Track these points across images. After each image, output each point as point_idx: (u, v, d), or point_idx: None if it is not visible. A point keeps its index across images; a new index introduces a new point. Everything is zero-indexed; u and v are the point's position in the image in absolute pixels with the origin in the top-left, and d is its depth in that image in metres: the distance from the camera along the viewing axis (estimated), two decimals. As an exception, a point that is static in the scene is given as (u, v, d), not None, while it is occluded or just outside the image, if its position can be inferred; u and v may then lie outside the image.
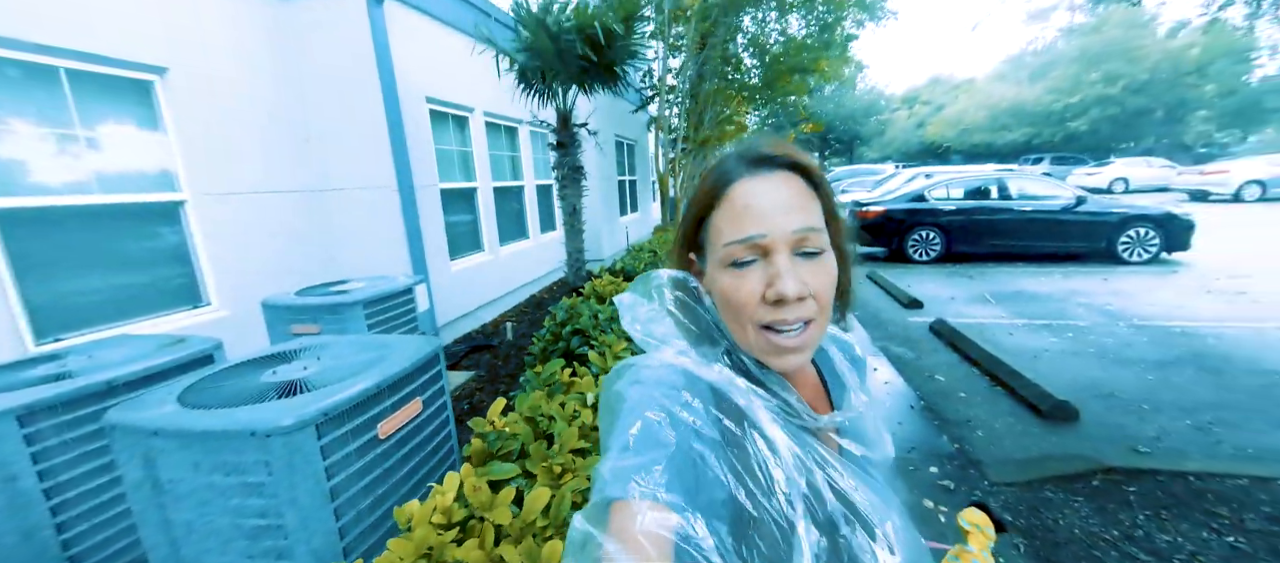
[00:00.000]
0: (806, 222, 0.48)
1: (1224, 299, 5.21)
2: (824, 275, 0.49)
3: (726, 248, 0.49)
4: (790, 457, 0.49)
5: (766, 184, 0.49)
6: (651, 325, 0.55)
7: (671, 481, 0.42)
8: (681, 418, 0.47)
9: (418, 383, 1.70)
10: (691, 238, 0.56)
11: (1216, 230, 9.11)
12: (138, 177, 2.94)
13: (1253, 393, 3.16)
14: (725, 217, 0.50)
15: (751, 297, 0.49)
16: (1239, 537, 1.85)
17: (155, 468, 1.33)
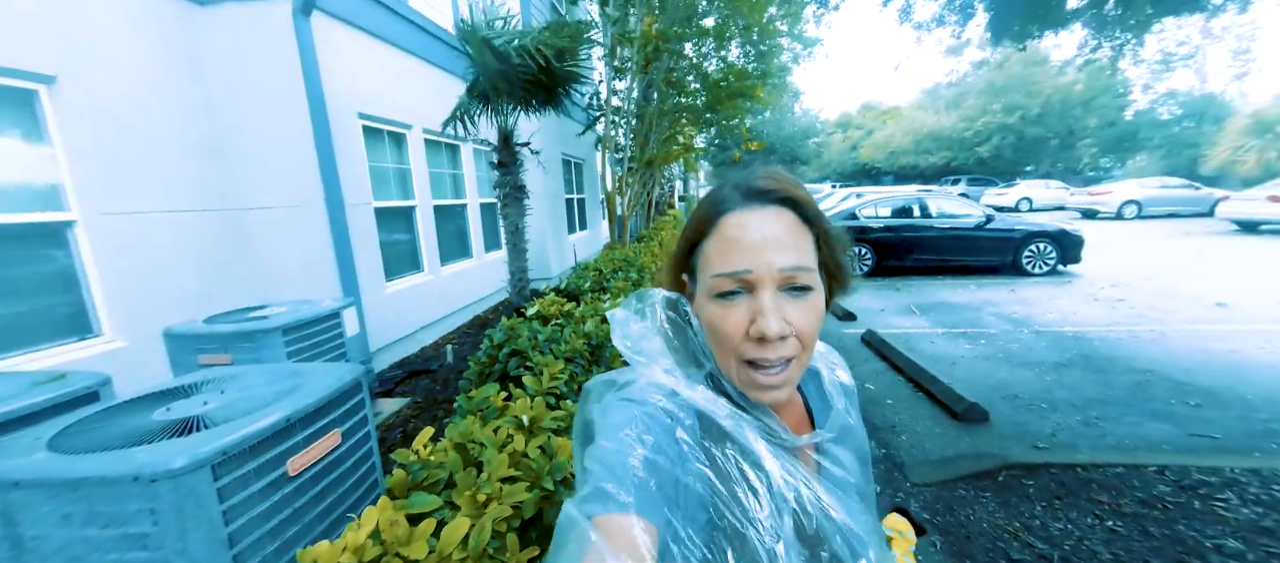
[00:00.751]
0: (795, 260, 0.48)
1: (1107, 306, 5.87)
2: (809, 313, 0.49)
3: (714, 279, 0.50)
4: (772, 478, 0.49)
5: (757, 218, 0.49)
6: (641, 342, 0.55)
7: (655, 499, 0.42)
8: (666, 437, 0.47)
9: (336, 413, 1.62)
10: (684, 261, 0.56)
11: (1102, 246, 10.29)
12: (18, 194, 2.63)
13: (1129, 389, 3.57)
14: (715, 247, 0.51)
15: (736, 330, 0.49)
16: (1117, 521, 2.07)
17: (16, 524, 1.18)
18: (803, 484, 0.51)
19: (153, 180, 3.20)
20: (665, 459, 0.46)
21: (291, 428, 1.42)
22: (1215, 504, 2.13)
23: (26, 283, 2.67)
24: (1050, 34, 4.82)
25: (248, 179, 3.70)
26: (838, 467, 0.58)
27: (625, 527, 0.40)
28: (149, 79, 3.19)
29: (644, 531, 0.40)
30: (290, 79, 3.55)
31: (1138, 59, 5.19)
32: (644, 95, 8.28)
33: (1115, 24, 4.53)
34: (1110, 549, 1.92)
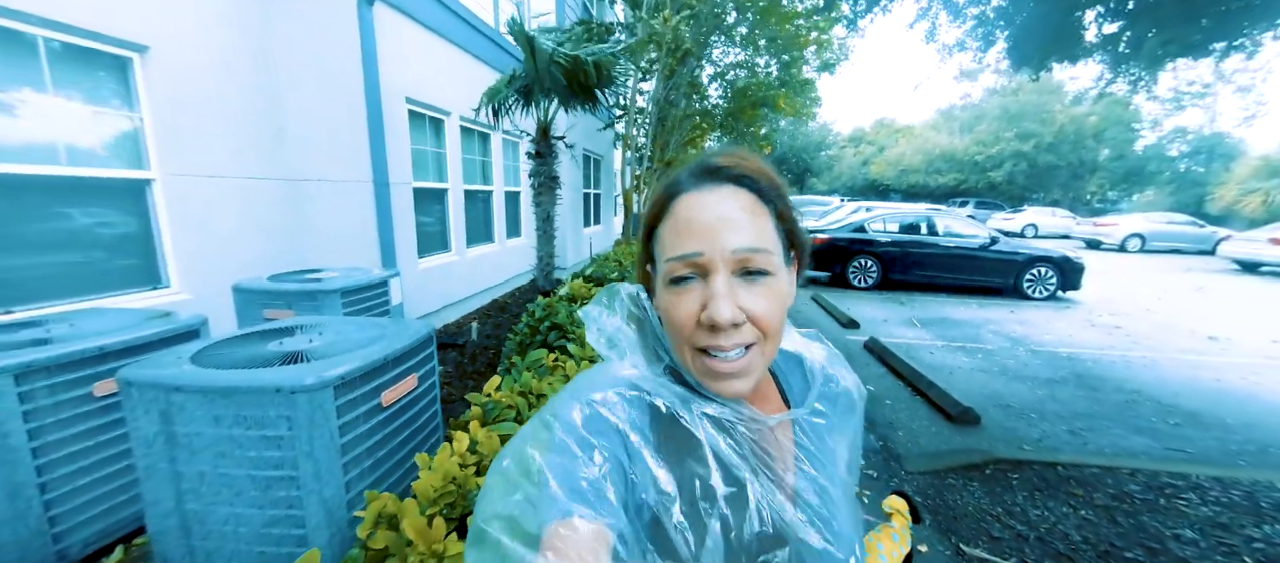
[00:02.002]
0: (750, 242, 0.45)
1: (1103, 331, 6.09)
2: (768, 298, 0.46)
3: (667, 264, 0.48)
4: (727, 471, 0.49)
5: (711, 199, 0.47)
6: (614, 336, 0.55)
7: (608, 501, 0.43)
8: (619, 436, 0.47)
9: (414, 360, 1.87)
10: (646, 249, 0.54)
11: (1103, 275, 10.49)
12: (106, 152, 2.89)
13: (1116, 406, 3.80)
14: (669, 231, 0.48)
15: (687, 317, 0.47)
16: (1089, 511, 2.31)
17: (172, 422, 1.43)
18: (763, 478, 0.50)
19: (220, 149, 3.45)
20: (617, 460, 0.45)
21: (386, 366, 1.68)
22: (1178, 502, 2.37)
23: (109, 233, 2.93)
24: (1067, 65, 5.04)
25: (304, 154, 3.96)
26: (820, 449, 0.56)
27: (580, 529, 0.40)
28: (225, 56, 3.45)
29: (600, 531, 0.40)
30: (350, 64, 3.81)
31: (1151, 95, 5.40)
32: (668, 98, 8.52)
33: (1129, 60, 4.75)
34: (1081, 533, 2.15)
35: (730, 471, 0.49)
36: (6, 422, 1.54)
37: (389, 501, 1.10)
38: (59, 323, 1.96)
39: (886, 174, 35.29)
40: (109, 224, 2.93)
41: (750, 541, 0.47)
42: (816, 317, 6.56)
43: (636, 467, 0.46)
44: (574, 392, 0.51)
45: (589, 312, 0.57)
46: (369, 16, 3.78)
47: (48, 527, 1.66)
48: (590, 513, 0.41)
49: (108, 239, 2.93)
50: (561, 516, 0.40)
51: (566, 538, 0.39)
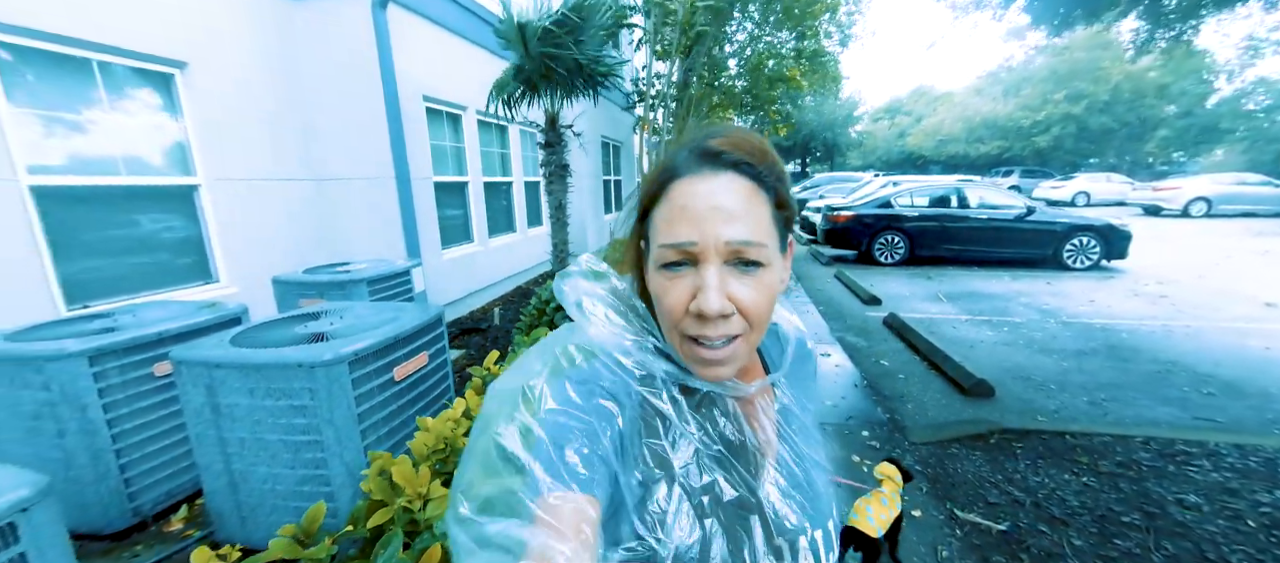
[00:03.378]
0: (745, 233, 0.45)
1: (1147, 301, 5.78)
2: (759, 290, 0.46)
3: (660, 248, 0.47)
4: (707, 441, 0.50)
5: (708, 185, 0.46)
6: (596, 303, 0.54)
7: (597, 473, 0.43)
8: (605, 409, 0.47)
9: (424, 340, 2.04)
10: (640, 227, 0.54)
11: (1158, 242, 9.84)
12: (158, 161, 3.20)
13: (1147, 377, 3.66)
14: (663, 215, 0.48)
15: (677, 304, 0.47)
16: (1092, 478, 2.29)
17: (216, 395, 1.65)
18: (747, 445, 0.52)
19: (256, 152, 3.74)
20: (604, 432, 0.45)
21: (397, 344, 1.85)
22: (1189, 469, 2.31)
23: (164, 235, 3.26)
24: (1094, 23, 4.73)
25: (330, 153, 4.23)
26: (799, 412, 0.59)
27: (569, 501, 0.40)
28: (255, 64, 3.72)
29: (588, 505, 0.41)
30: (368, 64, 4.02)
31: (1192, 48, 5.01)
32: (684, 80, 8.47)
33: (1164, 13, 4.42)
34: (1079, 498, 2.15)
35: (712, 440, 0.50)
36: (85, 397, 1.80)
37: (386, 458, 1.26)
38: (125, 314, 2.24)
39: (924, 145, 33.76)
40: (164, 227, 3.26)
41: (727, 503, 0.48)
42: (838, 294, 6.50)
43: (623, 439, 0.47)
44: (553, 360, 0.50)
45: (567, 287, 0.56)
46: (383, 19, 3.97)
47: (124, 487, 1.93)
48: (577, 486, 0.41)
49: (164, 241, 3.25)
50: (548, 489, 0.40)
51: (554, 511, 0.39)
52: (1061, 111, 26.09)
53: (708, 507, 0.48)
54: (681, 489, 0.47)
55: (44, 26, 2.58)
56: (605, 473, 0.44)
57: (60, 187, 2.69)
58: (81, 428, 1.81)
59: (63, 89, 2.73)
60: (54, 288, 2.67)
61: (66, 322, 2.17)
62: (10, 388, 1.80)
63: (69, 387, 1.77)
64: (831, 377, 3.70)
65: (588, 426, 0.45)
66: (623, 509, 0.45)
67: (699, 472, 0.49)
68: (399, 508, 1.06)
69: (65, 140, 2.75)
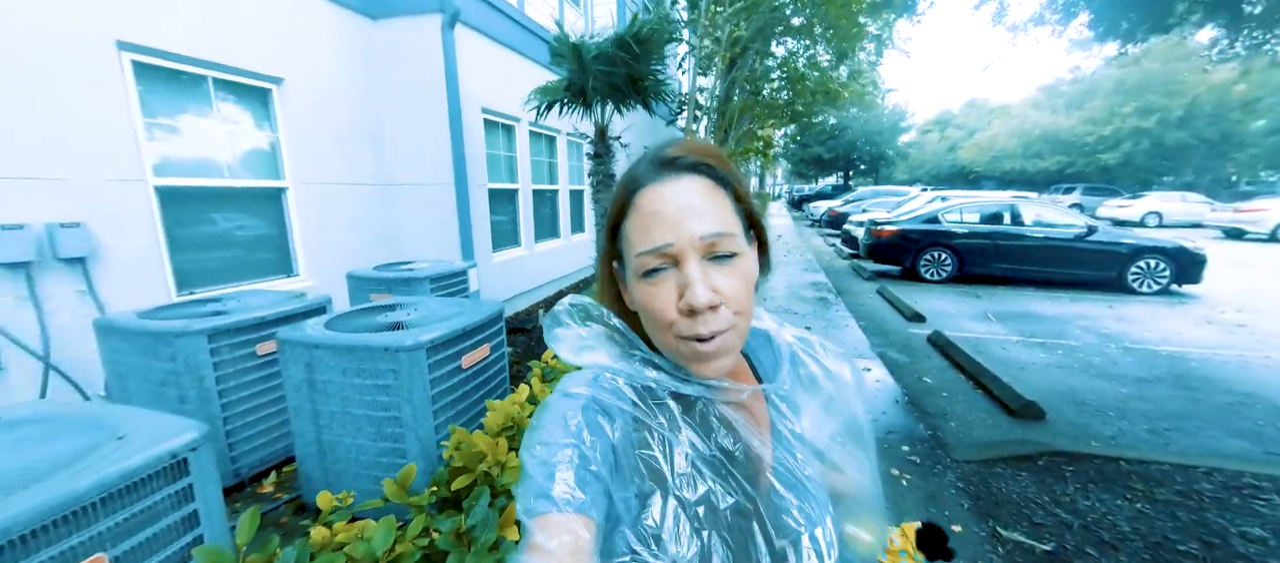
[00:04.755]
0: (715, 226, 0.48)
1: (1223, 330, 5.40)
2: (737, 279, 0.49)
3: (638, 257, 0.49)
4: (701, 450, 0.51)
5: (672, 189, 0.49)
6: (587, 341, 0.56)
7: (592, 492, 0.44)
8: (599, 428, 0.48)
9: (488, 333, 2.23)
10: (611, 246, 0.55)
11: (1240, 267, 9.11)
12: (254, 166, 3.59)
13: (1218, 409, 3.45)
14: (634, 225, 0.50)
15: (666, 305, 0.48)
16: (1146, 505, 2.22)
17: (313, 372, 1.88)
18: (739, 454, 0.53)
19: (335, 159, 4.11)
20: (600, 450, 0.47)
21: (465, 335, 2.04)
22: (1255, 503, 2.19)
23: (256, 232, 3.63)
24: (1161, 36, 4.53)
25: (397, 161, 4.58)
26: (790, 423, 0.59)
27: (563, 524, 0.41)
28: (339, 79, 4.11)
29: (582, 527, 0.41)
30: (435, 79, 4.36)
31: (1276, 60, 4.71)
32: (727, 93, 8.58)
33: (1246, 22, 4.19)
34: (1132, 525, 2.09)
35: (706, 446, 0.51)
36: (202, 369, 2.08)
37: (465, 433, 1.43)
38: (231, 300, 2.55)
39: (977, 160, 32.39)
40: (256, 225, 3.64)
41: (724, 511, 0.49)
42: (880, 309, 6.39)
43: (617, 454, 0.48)
44: (561, 387, 0.54)
45: (555, 333, 0.57)
46: (451, 38, 4.29)
47: (228, 451, 2.20)
48: (572, 505, 0.42)
49: (255, 237, 3.63)
50: (543, 510, 0.42)
51: (548, 530, 0.40)
52: (1131, 126, 24.49)
53: (705, 518, 0.48)
54: (677, 501, 0.47)
55: (176, 49, 2.98)
56: (599, 491, 0.45)
57: (177, 187, 3.08)
58: (199, 396, 2.09)
59: (183, 101, 3.14)
60: (169, 276, 3.05)
61: (182, 305, 2.49)
62: (143, 358, 2.10)
63: (191, 360, 2.05)
64: (872, 392, 3.69)
65: (579, 446, 0.46)
66: (619, 525, 0.46)
67: (694, 481, 0.49)
68: (481, 473, 1.22)
69: (182, 146, 3.14)
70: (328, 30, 3.97)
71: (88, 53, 2.61)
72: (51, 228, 2.44)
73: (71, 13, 2.53)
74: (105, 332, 2.16)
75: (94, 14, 2.62)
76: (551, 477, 0.44)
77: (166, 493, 1.04)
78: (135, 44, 2.80)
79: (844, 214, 14.54)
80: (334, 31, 4.03)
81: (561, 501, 0.42)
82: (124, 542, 0.97)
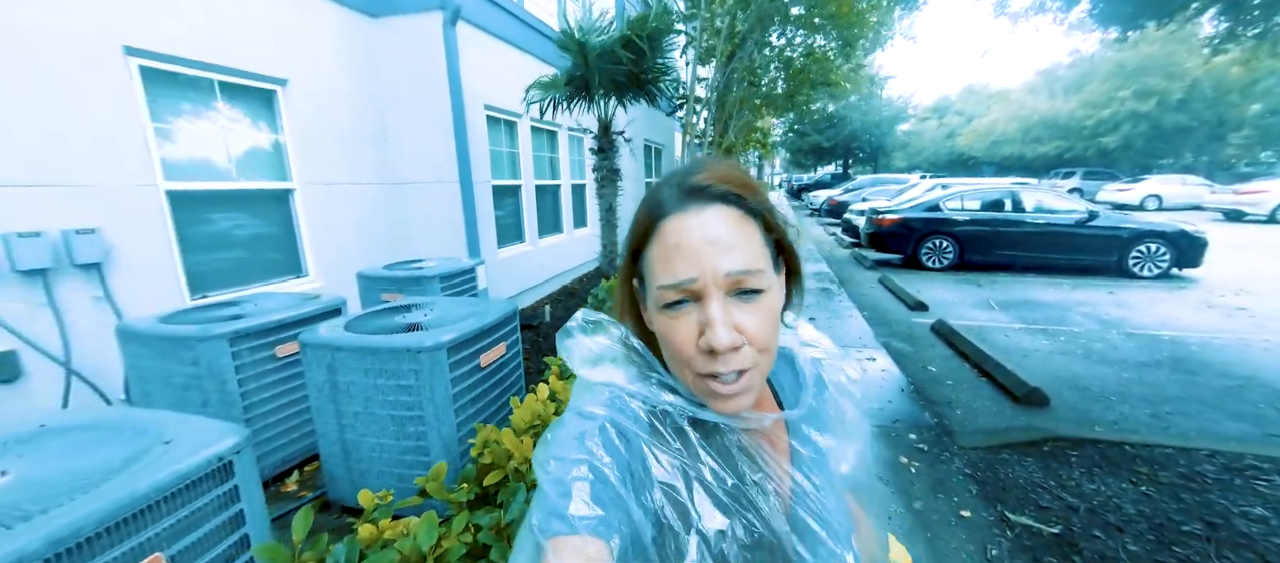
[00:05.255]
0: (741, 264, 0.46)
1: (1223, 313, 5.45)
2: (762, 315, 0.47)
3: (659, 289, 0.48)
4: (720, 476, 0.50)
5: (698, 221, 0.47)
6: (603, 355, 0.55)
7: (609, 514, 0.43)
8: (616, 448, 0.47)
9: (504, 330, 2.27)
10: (632, 267, 0.54)
11: (1240, 250, 9.16)
12: (262, 168, 3.60)
13: (1218, 392, 3.51)
14: (657, 256, 0.48)
15: (686, 341, 0.47)
16: (1151, 488, 2.27)
17: (336, 373, 1.92)
18: (759, 481, 0.51)
19: (340, 159, 4.12)
20: (616, 472, 0.46)
21: (482, 335, 2.08)
22: (1257, 483, 2.25)
23: (265, 234, 3.65)
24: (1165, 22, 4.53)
25: (402, 160, 4.59)
26: (814, 449, 0.58)
27: (577, 547, 0.40)
28: (342, 79, 4.11)
29: (596, 549, 0.41)
30: (438, 77, 4.35)
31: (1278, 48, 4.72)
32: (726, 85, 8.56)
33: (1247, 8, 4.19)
34: (1137, 507, 2.14)
35: (726, 476, 0.50)
36: (225, 372, 2.12)
37: (492, 430, 1.47)
38: (248, 303, 2.58)
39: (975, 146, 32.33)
40: (265, 227, 3.66)
41: (745, 544, 0.47)
42: (882, 299, 6.43)
43: (635, 476, 0.47)
44: (576, 405, 0.52)
45: (567, 345, 0.56)
46: (453, 35, 4.29)
47: (251, 451, 2.24)
48: (587, 526, 0.41)
49: (264, 239, 3.65)
50: (557, 531, 0.41)
51: (562, 553, 0.40)
52: (1129, 109, 24.44)
53: (724, 549, 0.46)
54: (699, 536, 0.46)
55: (181, 53, 2.98)
56: (617, 512, 0.44)
57: (187, 191, 3.10)
58: (221, 399, 2.12)
59: (190, 105, 3.15)
60: (181, 279, 3.07)
61: (200, 308, 2.52)
62: (165, 362, 2.14)
63: (214, 363, 2.09)
64: (877, 381, 3.74)
65: (595, 465, 0.45)
66: (635, 548, 0.45)
67: (713, 510, 0.48)
68: (511, 469, 1.26)
69: (190, 150, 3.16)
70: (330, 31, 3.97)
71: (96, 59, 2.61)
72: (67, 235, 2.46)
73: (79, 20, 2.54)
74: (127, 337, 2.20)
75: (101, 20, 2.62)
76: (567, 496, 0.43)
77: (215, 495, 1.08)
78: (142, 49, 2.81)
79: (844, 203, 14.53)
80: (336, 32, 4.02)
81: (576, 520, 0.41)
82: (178, 542, 1.01)
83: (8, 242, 2.27)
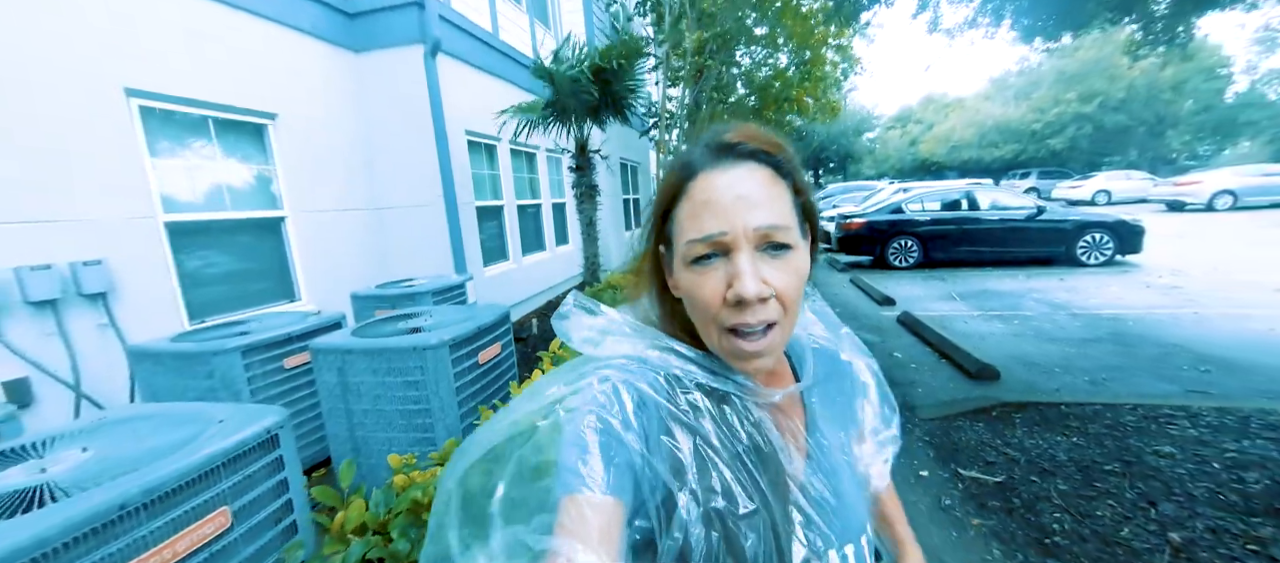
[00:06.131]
0: (771, 218, 0.46)
1: (1159, 292, 5.94)
2: (789, 273, 0.47)
3: (688, 244, 0.48)
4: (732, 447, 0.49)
5: (729, 177, 0.47)
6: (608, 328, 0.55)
7: (622, 476, 0.44)
8: (629, 411, 0.47)
9: (497, 332, 2.47)
10: (660, 230, 0.54)
11: (1179, 237, 9.87)
12: (255, 197, 3.75)
13: (1149, 359, 3.88)
14: (686, 212, 0.49)
15: (713, 295, 0.47)
16: (1079, 438, 2.57)
17: (346, 375, 2.10)
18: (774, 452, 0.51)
19: (329, 186, 4.29)
20: (631, 434, 0.46)
21: (479, 335, 2.28)
22: (1169, 428, 2.57)
23: (259, 261, 3.79)
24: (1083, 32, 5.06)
25: (388, 185, 4.78)
26: (828, 421, 0.58)
27: (594, 505, 0.41)
28: (329, 110, 4.30)
29: (612, 508, 0.42)
30: (421, 106, 4.58)
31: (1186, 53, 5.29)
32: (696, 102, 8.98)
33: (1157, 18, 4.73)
34: (1067, 454, 2.43)
35: (732, 445, 0.49)
36: (238, 384, 2.27)
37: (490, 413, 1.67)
38: (253, 322, 2.73)
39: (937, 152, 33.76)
40: (258, 254, 3.79)
41: (739, 515, 0.46)
42: (853, 297, 6.79)
43: (649, 442, 0.47)
44: (573, 379, 0.52)
45: (565, 327, 0.56)
46: (433, 66, 4.53)
47: (262, 459, 2.38)
48: (604, 486, 0.42)
49: (258, 265, 3.79)
50: (574, 489, 0.41)
51: (578, 510, 0.40)
52: (1073, 111, 26.01)
53: (722, 519, 0.46)
54: (691, 497, 0.46)
55: (178, 92, 3.16)
56: (630, 476, 0.44)
57: (185, 222, 3.24)
58: (235, 408, 2.27)
59: (186, 141, 3.30)
60: (181, 306, 3.19)
61: (209, 329, 2.66)
62: (180, 378, 2.28)
63: (228, 375, 2.24)
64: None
65: (610, 426, 0.45)
66: (643, 511, 0.45)
67: (717, 478, 0.47)
68: (517, 433, 1.47)
69: (187, 183, 3.30)
70: (315, 67, 4.18)
71: (100, 102, 2.78)
72: (75, 266, 2.59)
73: (83, 64, 2.71)
74: (140, 357, 2.33)
75: (104, 65, 2.79)
76: (584, 457, 0.43)
77: (264, 462, 1.27)
78: (141, 90, 2.98)
79: (815, 211, 15.06)
80: (321, 67, 4.23)
81: (592, 481, 0.42)
82: (239, 499, 1.19)
83: (20, 275, 2.39)
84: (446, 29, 4.74)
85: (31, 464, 1.10)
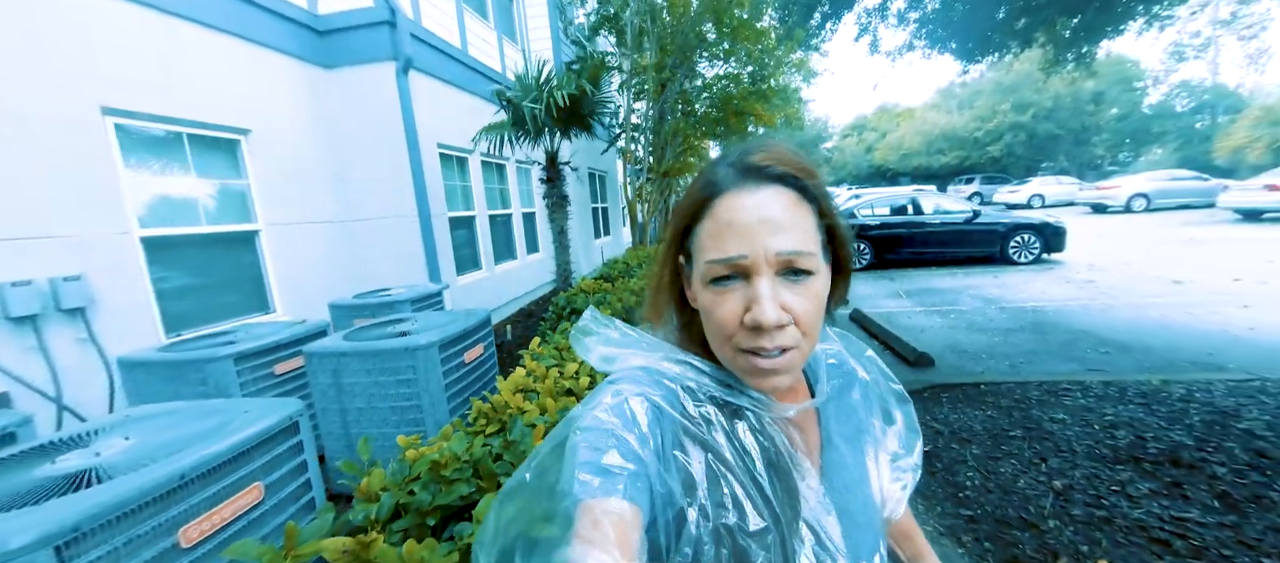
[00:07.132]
0: (794, 244, 0.46)
1: (1077, 286, 6.63)
2: (808, 298, 0.47)
3: (708, 264, 0.48)
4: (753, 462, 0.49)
5: (753, 199, 0.47)
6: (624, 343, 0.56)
7: (638, 482, 0.43)
8: (643, 421, 0.47)
9: (480, 335, 2.68)
10: (680, 243, 0.54)
11: (1099, 237, 10.89)
12: (229, 211, 3.81)
13: (1060, 344, 4.41)
14: (709, 231, 0.48)
15: (731, 317, 0.47)
16: (993, 411, 2.99)
17: (340, 376, 2.26)
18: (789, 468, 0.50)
19: (302, 199, 4.37)
20: (643, 446, 0.46)
21: (464, 336, 2.49)
22: (1064, 399, 3.02)
23: (233, 273, 3.83)
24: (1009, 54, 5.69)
25: (361, 197, 4.87)
26: (843, 437, 0.58)
27: (610, 509, 0.41)
28: (301, 125, 4.38)
29: (630, 513, 0.41)
30: (393, 121, 4.71)
31: (1091, 71, 6.00)
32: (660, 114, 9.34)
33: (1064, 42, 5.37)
34: (982, 425, 2.83)
35: (745, 460, 0.49)
36: (230, 390, 2.39)
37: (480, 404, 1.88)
38: (238, 332, 2.83)
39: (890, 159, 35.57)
40: (233, 266, 3.85)
41: (749, 531, 0.46)
42: (810, 298, 7.24)
43: (661, 455, 0.47)
44: (606, 382, 0.52)
45: (586, 342, 0.57)
46: (405, 82, 4.68)
47: (253, 462, 2.49)
48: (620, 493, 0.42)
49: (233, 278, 3.84)
50: (590, 496, 0.41)
51: (594, 517, 0.40)
52: (1010, 121, 28.05)
53: (734, 534, 0.46)
54: (700, 513, 0.46)
55: (153, 110, 3.22)
56: (646, 485, 0.44)
57: (161, 236, 3.28)
58: (229, 413, 2.38)
59: (161, 157, 3.36)
60: (157, 319, 3.23)
61: (198, 339, 2.75)
62: (172, 385, 2.38)
63: (221, 382, 2.36)
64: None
65: (625, 435, 0.46)
66: (659, 522, 0.45)
67: (728, 494, 0.47)
68: (508, 415, 1.69)
69: (162, 198, 3.35)
70: (287, 83, 4.26)
71: (78, 120, 2.83)
72: (55, 281, 2.63)
73: (62, 83, 2.76)
74: (130, 366, 2.42)
75: (82, 85, 2.85)
76: (599, 463, 0.43)
77: (288, 445, 1.45)
78: (117, 108, 3.04)
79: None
80: (293, 84, 4.32)
81: (608, 488, 0.42)
82: (268, 476, 1.38)
83: (2, 291, 2.44)
84: (417, 47, 4.90)
85: (86, 451, 1.26)
